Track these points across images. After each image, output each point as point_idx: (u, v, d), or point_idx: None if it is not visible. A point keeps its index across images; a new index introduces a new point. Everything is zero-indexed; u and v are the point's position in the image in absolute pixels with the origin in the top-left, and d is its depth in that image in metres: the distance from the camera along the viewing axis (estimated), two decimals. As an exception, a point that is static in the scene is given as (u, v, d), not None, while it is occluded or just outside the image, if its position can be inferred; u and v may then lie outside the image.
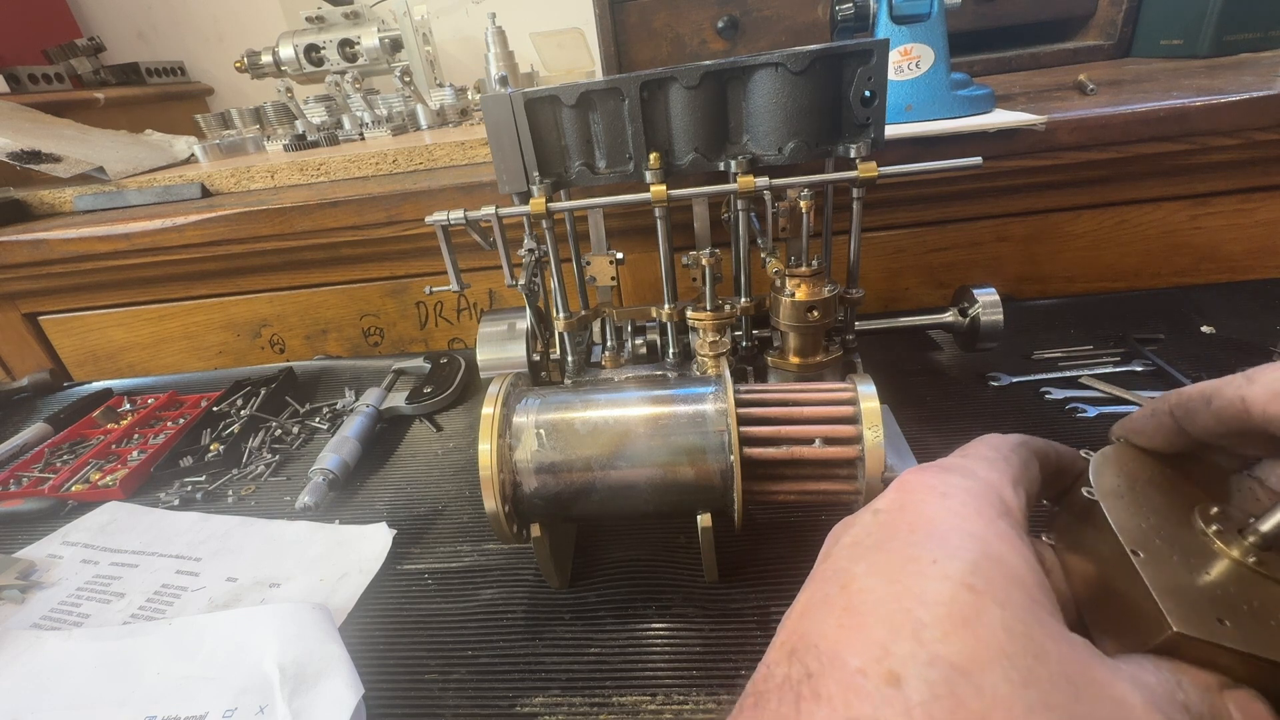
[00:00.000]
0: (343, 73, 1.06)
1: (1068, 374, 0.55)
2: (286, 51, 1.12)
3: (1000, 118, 0.63)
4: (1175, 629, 0.20)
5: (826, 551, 0.24)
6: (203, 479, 0.56)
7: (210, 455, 0.57)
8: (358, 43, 1.11)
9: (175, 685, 0.36)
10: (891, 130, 0.61)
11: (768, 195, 0.47)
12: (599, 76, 1.00)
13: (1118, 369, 0.55)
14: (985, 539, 0.21)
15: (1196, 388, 0.26)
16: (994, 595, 0.19)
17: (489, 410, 0.37)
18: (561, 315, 0.53)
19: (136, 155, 0.98)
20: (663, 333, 0.55)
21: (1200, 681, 0.20)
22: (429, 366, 0.68)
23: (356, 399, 0.64)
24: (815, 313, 0.47)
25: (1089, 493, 0.25)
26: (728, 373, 0.38)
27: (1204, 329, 0.60)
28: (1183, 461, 0.27)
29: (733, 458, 0.34)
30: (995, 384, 0.56)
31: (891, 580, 0.20)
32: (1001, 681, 0.17)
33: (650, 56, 0.95)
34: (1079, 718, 0.17)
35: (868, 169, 0.45)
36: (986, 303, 0.56)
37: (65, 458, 0.60)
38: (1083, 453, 0.28)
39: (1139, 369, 0.55)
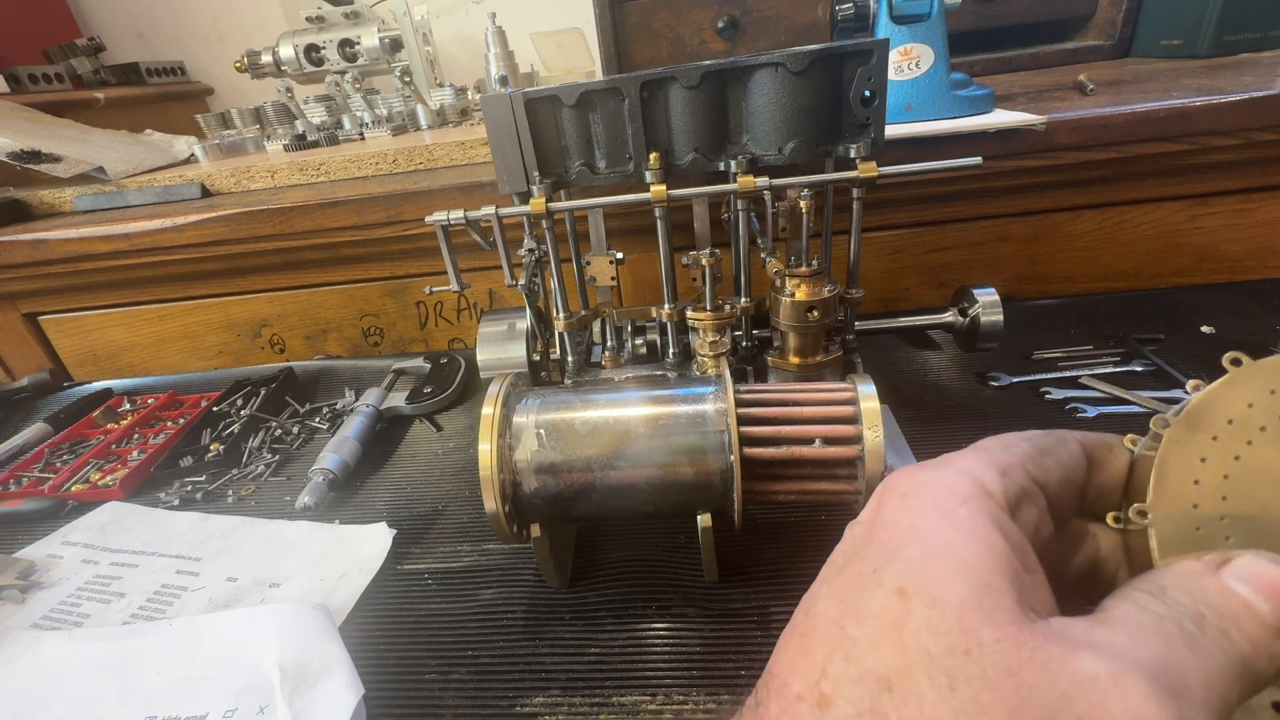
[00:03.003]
0: (343, 73, 1.06)
1: (1068, 374, 0.55)
2: (286, 51, 1.12)
3: (1000, 118, 0.63)
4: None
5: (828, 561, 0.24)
6: (203, 479, 0.56)
7: (210, 455, 0.57)
8: (358, 43, 1.11)
9: (175, 685, 0.36)
10: (891, 130, 0.61)
11: (768, 195, 0.47)
12: (599, 76, 1.00)
13: (1118, 369, 0.55)
14: (933, 530, 0.20)
15: None
16: (925, 595, 0.18)
17: (489, 410, 0.37)
18: (561, 315, 0.53)
19: (136, 155, 0.98)
20: (663, 333, 0.55)
21: (1187, 573, 0.19)
22: (429, 366, 0.68)
23: (356, 399, 0.64)
24: (815, 313, 0.47)
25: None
26: (728, 373, 0.38)
27: (1204, 329, 0.60)
28: None
29: (733, 458, 0.34)
30: (995, 384, 0.56)
31: (840, 599, 0.20)
32: (927, 688, 0.16)
33: (650, 56, 0.95)
34: (1021, 710, 0.16)
35: (868, 169, 0.45)
36: (986, 303, 0.56)
37: (65, 458, 0.60)
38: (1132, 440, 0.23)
39: (1139, 369, 0.55)
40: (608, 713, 0.33)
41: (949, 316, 0.58)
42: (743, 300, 0.51)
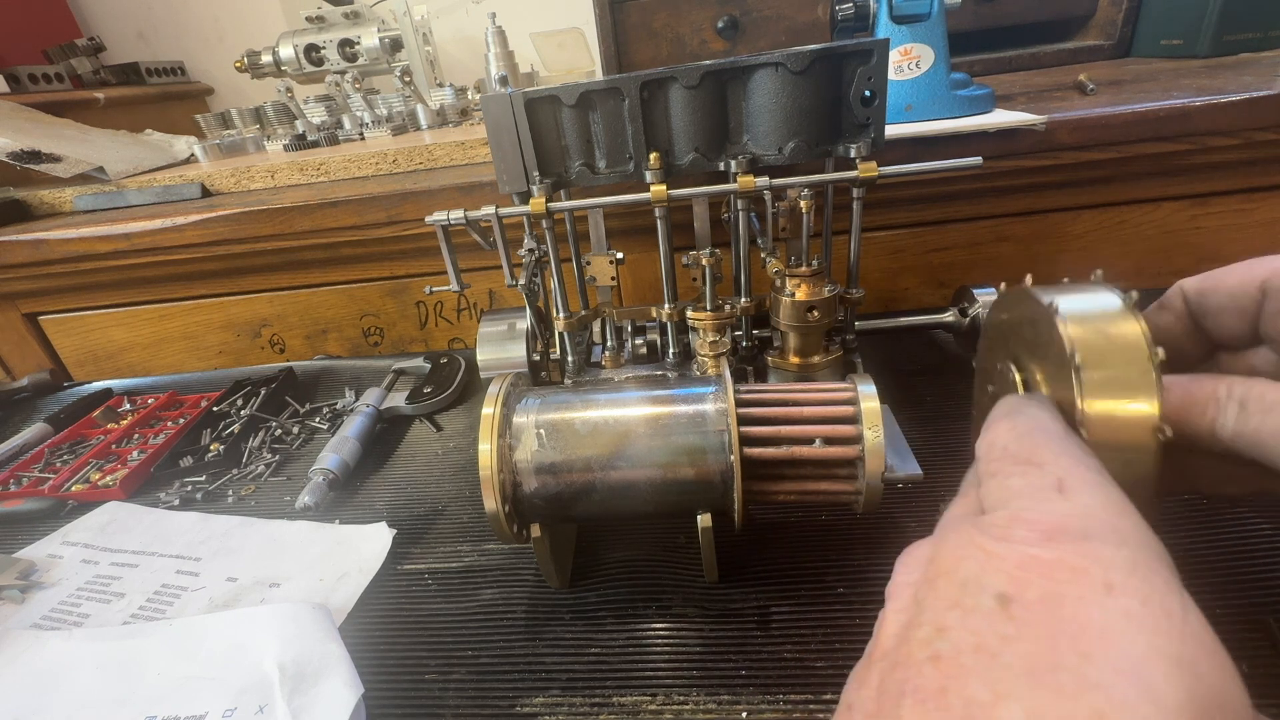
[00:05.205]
0: (343, 73, 1.06)
1: (1068, 374, 0.55)
2: (286, 51, 1.12)
3: (1000, 118, 0.63)
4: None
5: (913, 620, 0.19)
6: (203, 479, 0.56)
7: (210, 455, 0.57)
8: (358, 43, 1.11)
9: (175, 685, 0.36)
10: (891, 130, 0.61)
11: (768, 195, 0.47)
12: (599, 76, 1.00)
13: (1118, 369, 0.55)
14: (1193, 666, 0.15)
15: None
16: None
17: (489, 410, 0.37)
18: (561, 315, 0.53)
19: (136, 155, 0.98)
20: (663, 333, 0.55)
21: None
22: (429, 366, 0.68)
23: (356, 399, 0.64)
24: (815, 313, 0.47)
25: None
26: (728, 373, 0.38)
27: (1204, 329, 0.59)
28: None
29: (733, 457, 0.34)
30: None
31: None
32: None
33: (650, 56, 0.95)
34: None
35: (868, 169, 0.45)
36: (986, 303, 0.56)
37: (65, 458, 0.60)
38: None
39: (1139, 369, 0.55)
40: (608, 713, 0.33)
41: (949, 316, 0.58)
42: (743, 300, 0.51)
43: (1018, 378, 0.29)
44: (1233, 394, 0.24)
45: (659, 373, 0.54)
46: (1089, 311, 0.25)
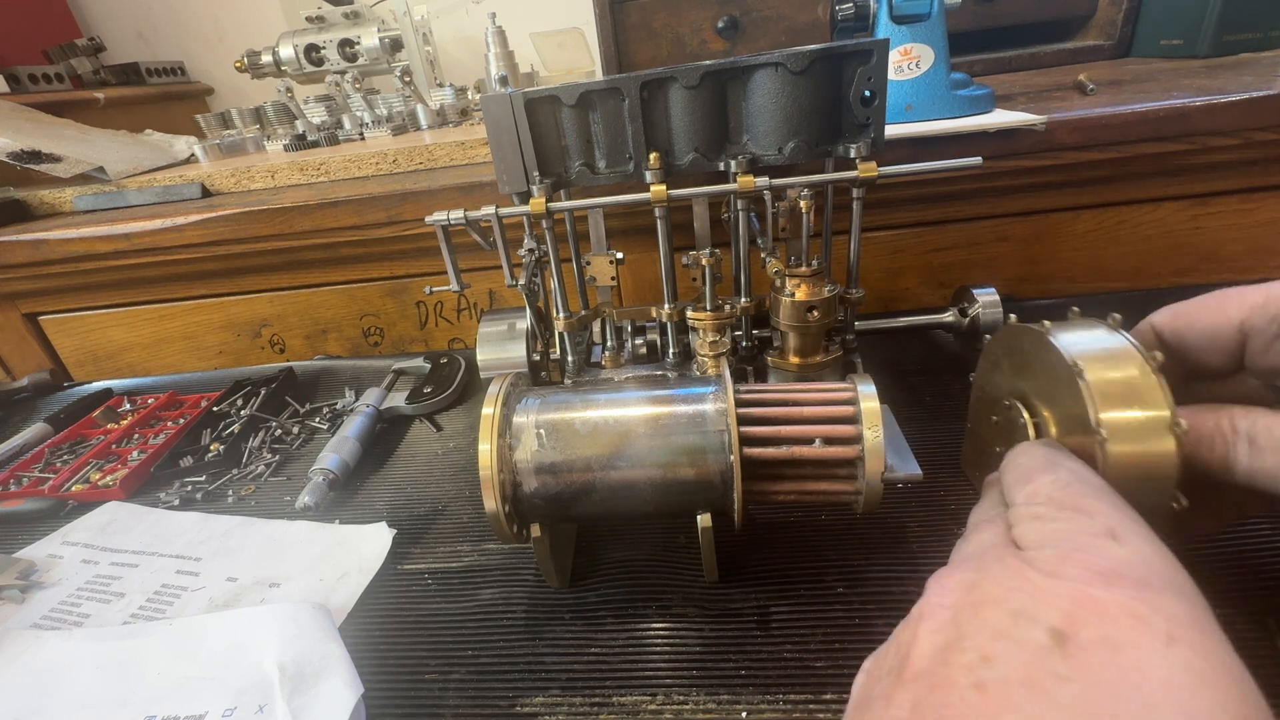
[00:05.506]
0: (343, 73, 1.06)
1: (1068, 374, 0.55)
2: (286, 51, 1.12)
3: (1000, 118, 0.63)
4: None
5: (952, 644, 0.19)
6: (203, 479, 0.56)
7: (210, 455, 0.57)
8: (358, 43, 1.11)
9: (175, 685, 0.36)
10: (891, 130, 0.61)
11: (768, 195, 0.47)
12: (599, 76, 1.00)
13: (1118, 369, 0.55)
14: (1228, 702, 0.16)
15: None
16: None
17: (489, 410, 0.37)
18: (561, 315, 0.53)
19: (136, 155, 0.98)
20: (663, 333, 0.55)
21: None
22: (429, 366, 0.68)
23: (356, 399, 0.64)
24: (815, 313, 0.47)
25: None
26: (728, 373, 0.38)
27: (1204, 329, 0.59)
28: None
29: (733, 458, 0.34)
30: (995, 384, 0.56)
31: None
32: None
33: (650, 56, 0.95)
34: None
35: (868, 169, 0.45)
36: (986, 303, 0.56)
37: (65, 458, 0.60)
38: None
39: (1139, 369, 0.55)
40: (608, 713, 0.33)
41: (949, 316, 0.58)
42: (743, 300, 0.51)
43: (1028, 419, 0.30)
44: (1239, 429, 0.24)
45: (659, 373, 0.54)
46: (1114, 378, 0.26)
